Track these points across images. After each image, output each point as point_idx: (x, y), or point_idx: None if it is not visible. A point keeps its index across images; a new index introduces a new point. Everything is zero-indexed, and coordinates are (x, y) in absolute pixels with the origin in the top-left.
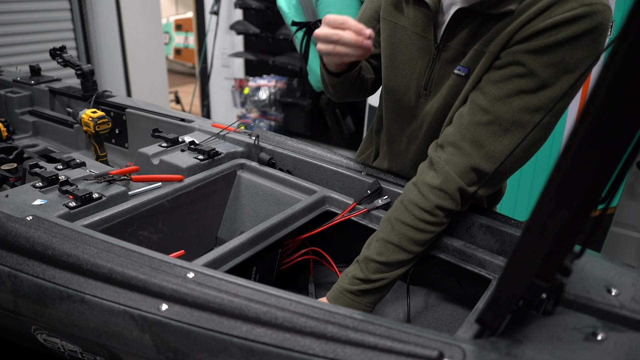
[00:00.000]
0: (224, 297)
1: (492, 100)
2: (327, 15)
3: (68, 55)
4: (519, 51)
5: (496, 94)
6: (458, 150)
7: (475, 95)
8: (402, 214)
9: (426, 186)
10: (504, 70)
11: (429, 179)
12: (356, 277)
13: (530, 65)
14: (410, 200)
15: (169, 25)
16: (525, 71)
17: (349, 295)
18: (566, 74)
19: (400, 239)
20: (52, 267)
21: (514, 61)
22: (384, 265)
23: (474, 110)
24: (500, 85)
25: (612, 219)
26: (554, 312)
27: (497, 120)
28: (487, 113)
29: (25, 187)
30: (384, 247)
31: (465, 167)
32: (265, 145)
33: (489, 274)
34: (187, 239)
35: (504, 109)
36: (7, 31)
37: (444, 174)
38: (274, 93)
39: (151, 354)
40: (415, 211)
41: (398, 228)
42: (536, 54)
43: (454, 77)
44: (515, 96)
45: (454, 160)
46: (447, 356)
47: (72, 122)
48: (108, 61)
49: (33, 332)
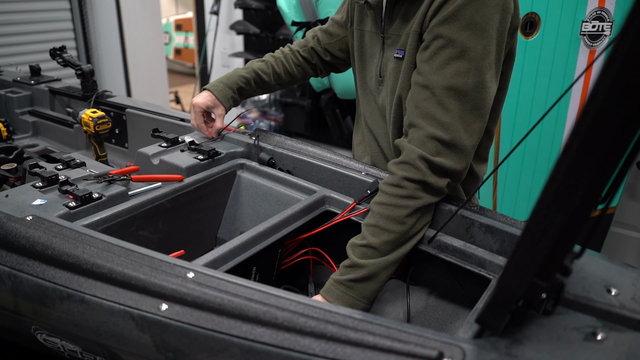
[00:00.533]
0: (224, 297)
1: (427, 75)
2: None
3: (68, 55)
4: (435, 25)
5: (430, 69)
6: (415, 127)
7: (414, 77)
8: (377, 197)
9: (392, 164)
10: (430, 47)
11: (395, 159)
12: (344, 265)
13: (448, 34)
14: (383, 182)
15: (169, 25)
16: (446, 41)
17: (340, 287)
18: (480, 32)
19: (377, 219)
20: (52, 267)
21: (434, 36)
22: (369, 248)
23: (416, 90)
24: (431, 62)
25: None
26: (554, 312)
27: (435, 91)
28: (426, 88)
29: (25, 187)
30: (366, 230)
31: (423, 138)
32: (265, 145)
33: (489, 274)
34: (187, 239)
35: (438, 79)
36: (7, 31)
37: (407, 150)
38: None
39: (151, 354)
40: (385, 189)
41: (375, 209)
42: (448, 22)
43: (393, 60)
44: (446, 66)
45: (413, 135)
46: (447, 356)
47: (72, 122)
48: (108, 61)
49: (33, 332)
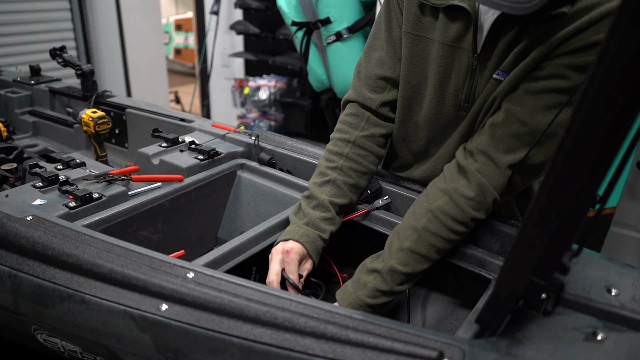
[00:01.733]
0: (224, 297)
1: (530, 112)
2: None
3: (68, 55)
4: (564, 65)
5: (535, 106)
6: (491, 162)
7: (511, 105)
8: (432, 224)
9: (461, 197)
10: (546, 82)
11: (463, 190)
12: (379, 289)
13: (575, 80)
14: (441, 210)
15: (169, 25)
16: (569, 85)
17: (368, 310)
18: None
19: (428, 250)
20: (52, 267)
21: (558, 74)
22: (408, 276)
23: (509, 121)
24: (540, 97)
25: (612, 219)
26: (554, 312)
27: (533, 132)
28: (524, 125)
29: (25, 187)
30: (411, 258)
31: (498, 177)
32: (265, 145)
33: (489, 274)
34: (187, 239)
35: (542, 121)
36: (7, 31)
37: (480, 184)
38: (274, 93)
39: (151, 354)
40: (448, 222)
41: (427, 238)
42: (583, 70)
43: (492, 82)
44: (555, 109)
45: (488, 171)
46: (447, 356)
47: (72, 122)
48: (108, 61)
49: (33, 332)
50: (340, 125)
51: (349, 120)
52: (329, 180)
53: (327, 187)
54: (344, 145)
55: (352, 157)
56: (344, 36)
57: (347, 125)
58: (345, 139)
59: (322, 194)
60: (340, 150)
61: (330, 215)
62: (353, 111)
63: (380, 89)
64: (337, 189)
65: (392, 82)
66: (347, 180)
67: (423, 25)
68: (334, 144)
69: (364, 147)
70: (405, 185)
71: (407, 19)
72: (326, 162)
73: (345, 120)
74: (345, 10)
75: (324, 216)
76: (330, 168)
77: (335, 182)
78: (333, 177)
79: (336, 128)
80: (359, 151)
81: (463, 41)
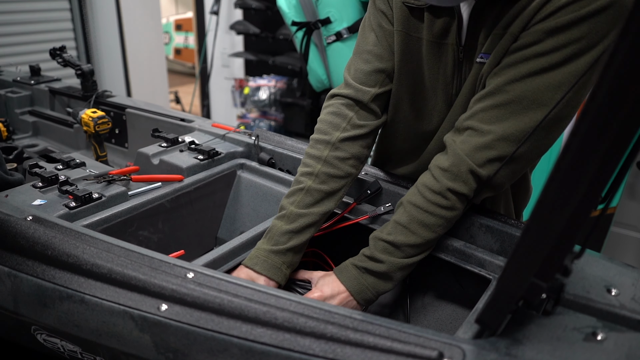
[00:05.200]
0: (224, 297)
1: (511, 80)
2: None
3: (68, 55)
4: (540, 30)
5: (516, 74)
6: (475, 132)
7: (494, 79)
8: (414, 197)
9: (437, 169)
10: (524, 51)
11: (441, 162)
12: (364, 253)
13: (553, 43)
14: (422, 183)
15: (169, 25)
16: (547, 49)
17: (353, 270)
18: (590, 49)
19: (409, 220)
20: (52, 267)
21: (535, 40)
22: (391, 246)
23: (492, 93)
24: (520, 66)
25: (612, 219)
26: (554, 312)
27: (517, 99)
28: (507, 93)
29: (25, 187)
30: (394, 228)
31: (477, 147)
32: (265, 145)
33: (489, 274)
34: (187, 239)
35: (524, 87)
36: (7, 31)
37: (455, 154)
38: (274, 93)
39: (151, 354)
40: (426, 193)
41: (409, 210)
42: (559, 32)
43: (476, 66)
44: (537, 75)
45: (469, 140)
46: (447, 356)
47: (72, 122)
48: (108, 61)
49: (33, 332)
50: (320, 124)
51: (329, 119)
52: (302, 188)
53: (299, 196)
54: (323, 148)
55: (330, 161)
56: (344, 36)
57: (328, 124)
58: (324, 141)
59: (292, 204)
60: (318, 154)
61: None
62: (335, 110)
63: (374, 82)
64: (310, 197)
65: (387, 74)
66: (322, 188)
67: (412, 24)
68: (312, 147)
69: (343, 149)
70: (406, 185)
71: (397, 17)
72: (302, 166)
73: (326, 119)
74: (345, 10)
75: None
76: (305, 174)
77: (308, 190)
78: (307, 185)
79: (316, 127)
80: (338, 153)
81: (448, 36)
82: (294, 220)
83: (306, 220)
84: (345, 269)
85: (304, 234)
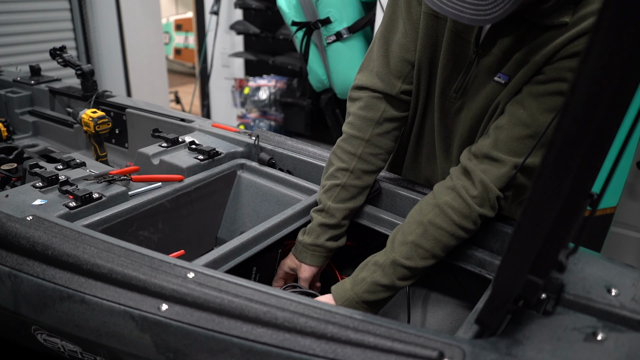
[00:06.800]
0: (224, 297)
1: (533, 114)
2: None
3: (68, 55)
4: (566, 68)
5: (538, 108)
6: (495, 162)
7: (514, 108)
8: (438, 218)
9: (467, 194)
10: (548, 85)
11: (469, 188)
12: (379, 283)
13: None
14: (448, 205)
15: (169, 25)
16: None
17: (364, 307)
18: None
19: (433, 245)
20: (52, 267)
21: (559, 77)
22: (410, 271)
23: (513, 124)
24: (542, 100)
25: (612, 219)
26: (554, 312)
27: (537, 134)
28: (528, 127)
29: (25, 187)
30: (414, 252)
31: (502, 177)
32: (265, 145)
33: (489, 274)
34: (187, 239)
35: (545, 123)
36: (7, 31)
37: (482, 182)
38: (274, 93)
39: (151, 354)
40: (454, 216)
41: (432, 232)
42: None
43: (493, 85)
44: (557, 111)
45: (492, 171)
46: (447, 356)
47: (72, 122)
48: (108, 61)
49: (33, 332)
50: (353, 119)
51: (363, 114)
52: (339, 184)
53: (335, 191)
54: (358, 144)
55: (365, 158)
56: (344, 36)
57: (362, 120)
58: (359, 137)
59: (329, 199)
60: (353, 150)
61: (335, 221)
62: (367, 103)
63: (400, 74)
64: (346, 192)
65: (413, 66)
66: (357, 183)
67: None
68: (347, 142)
69: (378, 144)
70: (406, 185)
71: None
72: (337, 160)
73: (359, 114)
74: (345, 10)
75: (329, 222)
76: (341, 170)
77: (344, 186)
78: (343, 182)
79: (349, 121)
80: (372, 150)
81: (469, 33)
82: (332, 215)
83: (343, 213)
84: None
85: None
